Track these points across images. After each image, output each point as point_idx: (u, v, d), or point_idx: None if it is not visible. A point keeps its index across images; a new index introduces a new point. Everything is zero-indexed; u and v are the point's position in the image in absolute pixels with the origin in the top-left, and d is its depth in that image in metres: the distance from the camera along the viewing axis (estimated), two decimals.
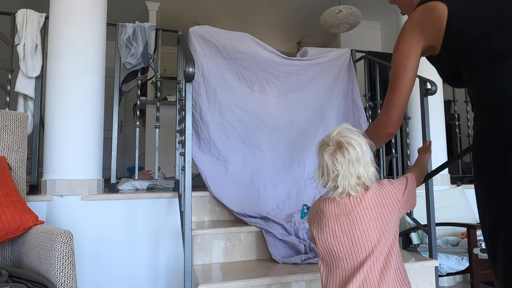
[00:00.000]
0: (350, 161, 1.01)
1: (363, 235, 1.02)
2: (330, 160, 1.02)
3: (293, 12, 5.27)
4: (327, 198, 1.07)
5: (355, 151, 1.01)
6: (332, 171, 1.02)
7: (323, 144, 1.06)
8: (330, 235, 1.05)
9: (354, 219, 1.03)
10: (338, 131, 1.06)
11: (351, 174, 1.01)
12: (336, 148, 1.02)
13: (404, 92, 1.12)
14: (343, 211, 1.04)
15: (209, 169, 2.32)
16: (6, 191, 1.54)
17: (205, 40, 2.46)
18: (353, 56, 2.95)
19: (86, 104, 2.10)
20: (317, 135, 2.68)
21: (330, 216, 1.06)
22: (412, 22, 1.10)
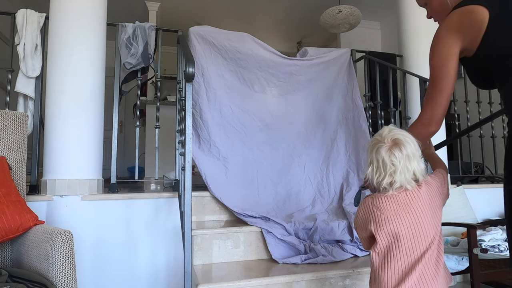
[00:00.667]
0: (407, 156, 1.07)
1: (423, 228, 1.08)
2: (387, 156, 1.07)
3: (293, 12, 5.27)
4: (381, 195, 1.11)
5: (410, 147, 1.08)
6: (389, 167, 1.07)
7: (377, 142, 1.11)
8: (391, 230, 1.09)
9: (414, 212, 1.08)
10: (389, 129, 1.12)
11: (407, 169, 1.07)
12: (393, 145, 1.08)
13: (446, 91, 1.14)
14: (402, 206, 1.08)
15: (209, 169, 2.32)
16: (6, 191, 1.54)
17: (205, 40, 2.46)
18: (353, 56, 2.95)
19: (86, 104, 2.10)
20: (317, 135, 2.68)
21: (388, 213, 1.09)
22: (451, 24, 1.11)
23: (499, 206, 2.86)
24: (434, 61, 1.16)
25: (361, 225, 1.18)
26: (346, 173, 2.59)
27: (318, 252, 1.92)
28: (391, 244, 1.09)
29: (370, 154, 1.12)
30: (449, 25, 1.12)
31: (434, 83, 1.15)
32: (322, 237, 2.05)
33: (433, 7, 1.28)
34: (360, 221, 1.18)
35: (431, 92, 1.17)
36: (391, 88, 2.82)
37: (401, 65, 3.11)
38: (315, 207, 2.37)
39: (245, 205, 2.21)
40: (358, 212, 1.19)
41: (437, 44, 1.15)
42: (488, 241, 2.19)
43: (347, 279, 1.78)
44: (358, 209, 1.20)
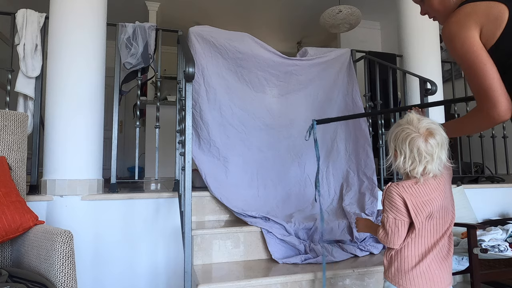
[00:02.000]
0: (440, 145, 1.12)
1: (447, 208, 1.17)
2: (424, 145, 1.11)
3: (293, 12, 5.27)
4: (411, 183, 1.15)
5: (441, 135, 1.13)
6: (425, 157, 1.11)
7: (410, 132, 1.13)
8: (428, 212, 1.14)
9: (442, 194, 1.16)
10: (418, 119, 1.15)
11: (440, 159, 1.12)
12: (427, 134, 1.11)
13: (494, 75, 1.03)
14: (433, 189, 1.15)
15: (209, 169, 2.32)
16: (6, 191, 1.54)
17: (205, 40, 2.46)
18: (353, 56, 2.95)
19: (86, 104, 2.10)
20: (317, 135, 2.68)
21: (423, 198, 1.14)
22: (467, 14, 1.07)
23: (499, 206, 2.86)
24: (464, 50, 1.06)
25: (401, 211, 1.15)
26: (346, 173, 2.59)
27: (318, 252, 1.93)
28: (423, 224, 1.14)
29: (402, 144, 1.13)
30: (467, 12, 1.07)
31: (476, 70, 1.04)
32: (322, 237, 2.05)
33: (433, 4, 1.24)
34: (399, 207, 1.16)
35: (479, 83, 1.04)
36: (391, 88, 2.82)
37: (401, 65, 3.11)
38: (315, 207, 2.37)
39: (245, 205, 2.21)
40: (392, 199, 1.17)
41: (457, 32, 1.06)
42: (488, 241, 2.19)
43: (347, 279, 1.78)
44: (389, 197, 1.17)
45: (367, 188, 2.44)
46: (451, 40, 1.09)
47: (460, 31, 1.06)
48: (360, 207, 2.30)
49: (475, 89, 1.06)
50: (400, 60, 3.12)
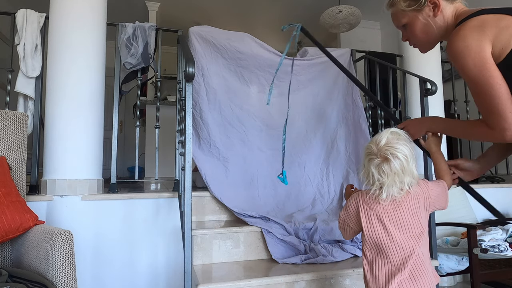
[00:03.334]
0: (396, 173, 1.08)
1: (411, 226, 1.12)
2: (376, 171, 1.10)
3: (293, 12, 5.27)
4: (371, 194, 1.15)
5: (400, 162, 1.08)
6: (378, 179, 1.10)
7: (370, 153, 1.13)
8: (380, 226, 1.13)
9: (402, 211, 1.12)
10: (386, 140, 1.11)
11: (395, 183, 1.09)
12: (383, 160, 1.09)
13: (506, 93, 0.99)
14: (391, 205, 1.13)
15: (209, 169, 2.32)
16: (6, 191, 1.54)
17: (205, 40, 2.46)
18: (353, 56, 2.95)
19: (86, 104, 2.10)
20: (317, 135, 2.68)
21: (377, 209, 1.14)
22: (476, 27, 1.02)
23: (499, 206, 2.86)
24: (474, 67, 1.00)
25: (351, 216, 1.22)
26: (346, 173, 2.59)
27: (318, 252, 1.93)
28: (381, 241, 1.12)
29: (364, 159, 1.16)
30: (476, 25, 1.01)
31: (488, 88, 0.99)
32: (322, 237, 2.05)
33: (414, 30, 1.20)
34: (350, 214, 1.22)
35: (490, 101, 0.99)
36: (391, 88, 2.82)
37: (401, 65, 3.11)
38: (315, 207, 2.37)
39: (245, 205, 2.21)
40: (349, 206, 1.23)
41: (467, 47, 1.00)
42: (488, 241, 2.19)
43: (347, 279, 1.78)
44: (348, 203, 1.24)
45: None
46: (460, 57, 1.01)
47: (471, 44, 0.99)
48: None
49: (487, 108, 1.01)
50: (400, 60, 3.12)
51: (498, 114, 0.98)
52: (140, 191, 2.43)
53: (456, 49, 1.02)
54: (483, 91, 1.00)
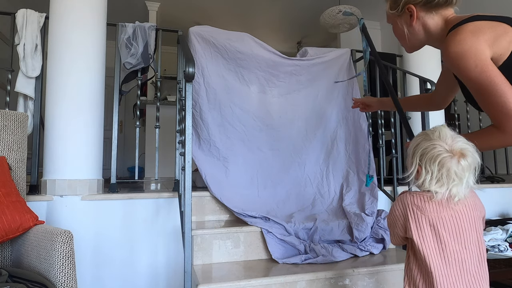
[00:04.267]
0: (472, 168, 1.02)
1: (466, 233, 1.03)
2: (455, 167, 1.01)
3: (293, 12, 5.27)
4: (423, 195, 1.06)
5: (474, 158, 1.02)
6: (453, 179, 1.01)
7: (442, 152, 1.02)
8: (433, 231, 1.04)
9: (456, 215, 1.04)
10: (452, 137, 1.04)
11: (467, 182, 1.02)
12: (460, 156, 1.01)
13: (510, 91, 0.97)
14: (445, 207, 1.04)
15: (209, 169, 2.32)
16: (6, 191, 1.54)
17: (205, 40, 2.46)
18: (353, 56, 2.95)
19: (86, 104, 2.10)
20: (317, 135, 2.68)
21: (431, 214, 1.04)
22: (473, 32, 1.02)
23: (499, 206, 2.86)
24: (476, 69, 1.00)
25: (396, 223, 1.11)
26: (346, 173, 2.59)
27: (318, 252, 1.93)
28: (434, 248, 1.03)
29: (430, 162, 1.03)
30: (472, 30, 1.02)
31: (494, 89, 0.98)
32: (322, 237, 2.05)
33: (395, 32, 1.27)
34: (395, 216, 1.11)
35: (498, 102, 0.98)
36: None
37: (401, 65, 3.11)
38: (315, 207, 2.37)
39: (245, 205, 2.21)
40: (395, 208, 1.12)
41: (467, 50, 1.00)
42: (488, 241, 2.19)
43: (347, 279, 1.78)
44: (394, 205, 1.13)
45: (367, 188, 2.44)
46: (461, 57, 1.01)
47: (472, 47, 1.00)
48: (360, 207, 2.30)
49: (494, 109, 0.99)
50: (400, 60, 3.12)
51: (507, 113, 0.96)
52: (140, 191, 2.43)
53: (455, 53, 1.02)
54: (488, 90, 0.98)
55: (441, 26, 1.16)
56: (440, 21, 1.16)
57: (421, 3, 1.15)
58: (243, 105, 2.52)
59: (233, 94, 2.50)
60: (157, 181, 2.99)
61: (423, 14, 1.17)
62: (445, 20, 1.15)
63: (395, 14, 1.23)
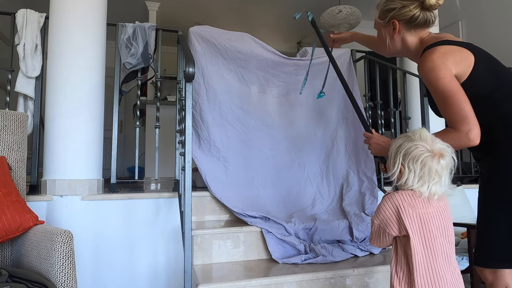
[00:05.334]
0: (449, 168, 1.12)
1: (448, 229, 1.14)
2: (436, 166, 1.09)
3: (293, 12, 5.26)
4: (411, 193, 1.12)
5: (451, 159, 1.12)
6: (433, 178, 1.09)
7: (424, 152, 1.10)
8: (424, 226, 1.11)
9: (441, 211, 1.13)
10: (432, 138, 1.14)
11: (445, 181, 1.11)
12: (440, 156, 1.10)
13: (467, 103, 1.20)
14: (431, 204, 1.12)
15: (209, 169, 2.32)
16: (6, 191, 1.54)
17: (205, 40, 2.46)
18: (353, 56, 2.95)
19: (86, 104, 2.10)
20: (317, 135, 2.68)
21: (421, 210, 1.11)
22: (444, 53, 1.24)
23: None
24: (443, 81, 1.21)
25: (387, 223, 1.15)
26: (346, 173, 2.59)
27: (318, 252, 1.93)
28: (425, 243, 1.10)
29: (412, 161, 1.10)
30: (443, 52, 1.25)
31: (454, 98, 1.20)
32: (322, 237, 2.05)
33: (378, 38, 1.49)
34: (388, 217, 1.15)
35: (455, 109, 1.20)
36: (391, 88, 2.82)
37: (401, 65, 3.11)
38: (315, 207, 2.37)
39: (245, 205, 2.21)
40: (381, 209, 1.17)
41: (438, 66, 1.22)
42: None
43: (347, 279, 1.78)
44: (379, 207, 1.18)
45: (367, 188, 2.44)
46: (433, 71, 1.23)
47: (442, 64, 1.22)
48: (360, 207, 2.30)
49: (454, 114, 1.20)
50: (400, 60, 3.12)
51: (463, 117, 1.18)
52: (140, 191, 2.43)
53: (429, 67, 1.24)
54: (449, 99, 1.21)
55: (417, 43, 1.39)
56: (416, 39, 1.39)
57: (404, 21, 1.36)
58: (243, 105, 2.52)
59: (233, 94, 2.50)
60: (157, 181, 2.99)
61: (404, 30, 1.39)
62: (421, 39, 1.39)
63: (381, 24, 1.44)
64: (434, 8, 1.33)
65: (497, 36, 3.76)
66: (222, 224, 2.08)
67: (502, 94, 1.25)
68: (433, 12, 1.36)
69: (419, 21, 1.35)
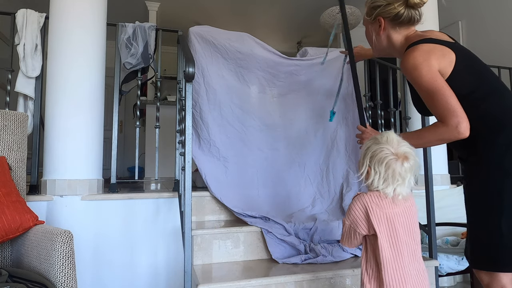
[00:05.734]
0: (413, 170, 1.16)
1: (413, 227, 1.19)
2: (399, 168, 1.14)
3: (293, 12, 5.27)
4: (378, 194, 1.18)
5: (415, 161, 1.17)
6: (397, 179, 1.14)
7: (388, 155, 1.16)
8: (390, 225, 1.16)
9: (406, 212, 1.19)
10: (397, 141, 1.19)
11: (409, 182, 1.16)
12: (404, 159, 1.15)
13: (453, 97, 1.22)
14: (397, 204, 1.18)
15: (209, 169, 2.32)
16: (6, 191, 1.54)
17: (205, 40, 2.46)
18: None
19: (86, 104, 2.10)
20: (317, 135, 2.68)
21: (387, 210, 1.17)
22: (426, 51, 1.28)
23: None
24: (427, 77, 1.25)
25: (357, 222, 1.20)
26: (346, 173, 2.58)
27: (318, 252, 1.93)
28: (391, 241, 1.16)
29: (378, 164, 1.16)
30: (426, 49, 1.28)
31: (439, 93, 1.23)
32: (322, 237, 2.05)
33: (366, 35, 1.54)
34: (354, 217, 1.21)
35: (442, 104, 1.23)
36: (391, 88, 2.82)
37: None
38: (315, 207, 2.37)
39: (245, 205, 2.21)
40: (351, 209, 1.22)
41: (420, 63, 1.26)
42: None
43: (347, 279, 1.78)
44: (350, 207, 1.23)
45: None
46: (416, 68, 1.26)
47: (425, 61, 1.25)
48: None
49: (441, 108, 1.23)
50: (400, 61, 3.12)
51: (451, 110, 1.20)
52: (140, 191, 2.43)
53: (412, 64, 1.27)
54: (436, 94, 1.23)
55: (401, 41, 1.43)
56: (401, 37, 1.43)
57: (389, 18, 1.40)
58: (243, 105, 2.52)
59: (233, 94, 2.50)
60: (157, 181, 2.99)
61: (389, 27, 1.43)
62: (406, 36, 1.42)
63: (368, 21, 1.48)
64: (418, 6, 1.37)
65: (496, 36, 3.76)
66: (222, 224, 2.08)
67: (483, 93, 1.27)
68: (418, 10, 1.39)
69: (403, 19, 1.38)
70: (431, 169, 2.07)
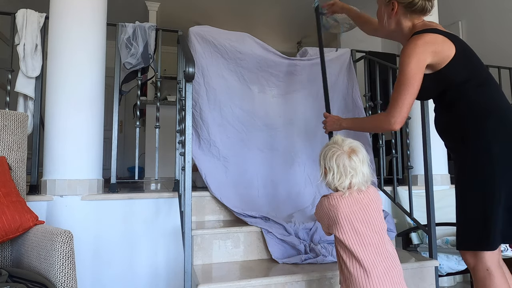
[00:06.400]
0: (362, 161, 1.28)
1: (374, 221, 1.26)
2: (348, 161, 1.27)
3: (293, 12, 5.28)
4: (336, 195, 1.28)
5: (362, 153, 1.29)
6: (349, 171, 1.26)
7: (336, 150, 1.29)
8: (348, 224, 1.25)
9: (364, 208, 1.27)
10: (342, 139, 1.33)
11: (362, 173, 1.27)
12: (350, 151, 1.28)
13: (413, 97, 1.36)
14: (354, 202, 1.27)
15: (209, 169, 2.32)
16: (6, 191, 1.54)
17: (205, 40, 2.46)
18: (353, 56, 2.95)
19: (86, 104, 2.10)
20: (317, 135, 2.68)
21: (344, 210, 1.26)
22: (429, 41, 1.35)
23: None
24: (409, 68, 1.34)
25: (321, 219, 1.38)
26: None
27: (318, 252, 1.92)
28: (352, 237, 1.24)
29: (330, 161, 1.29)
30: (428, 41, 1.35)
31: (404, 87, 1.35)
32: (322, 237, 2.05)
33: (377, 14, 1.61)
34: (320, 216, 1.38)
35: (398, 95, 1.36)
36: (391, 88, 2.81)
37: None
38: (315, 207, 2.36)
39: (245, 205, 2.21)
40: (317, 210, 1.38)
41: (415, 54, 1.34)
42: None
43: None
44: (316, 207, 1.39)
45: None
46: (409, 56, 1.34)
47: (421, 54, 1.34)
48: None
49: (397, 99, 1.36)
50: None
51: (401, 106, 1.35)
52: (140, 191, 2.43)
53: (409, 52, 1.35)
54: (405, 86, 1.34)
55: (409, 28, 1.49)
56: (410, 24, 1.49)
57: (403, 4, 1.45)
58: (243, 105, 2.52)
59: (233, 94, 2.50)
60: (157, 181, 2.99)
61: (401, 13, 1.48)
62: (413, 24, 1.48)
63: (382, 1, 1.54)
64: None
65: (497, 36, 3.76)
66: (222, 224, 2.08)
67: (472, 85, 1.37)
68: (432, 1, 1.45)
69: (417, 7, 1.44)
70: (431, 169, 2.07)
